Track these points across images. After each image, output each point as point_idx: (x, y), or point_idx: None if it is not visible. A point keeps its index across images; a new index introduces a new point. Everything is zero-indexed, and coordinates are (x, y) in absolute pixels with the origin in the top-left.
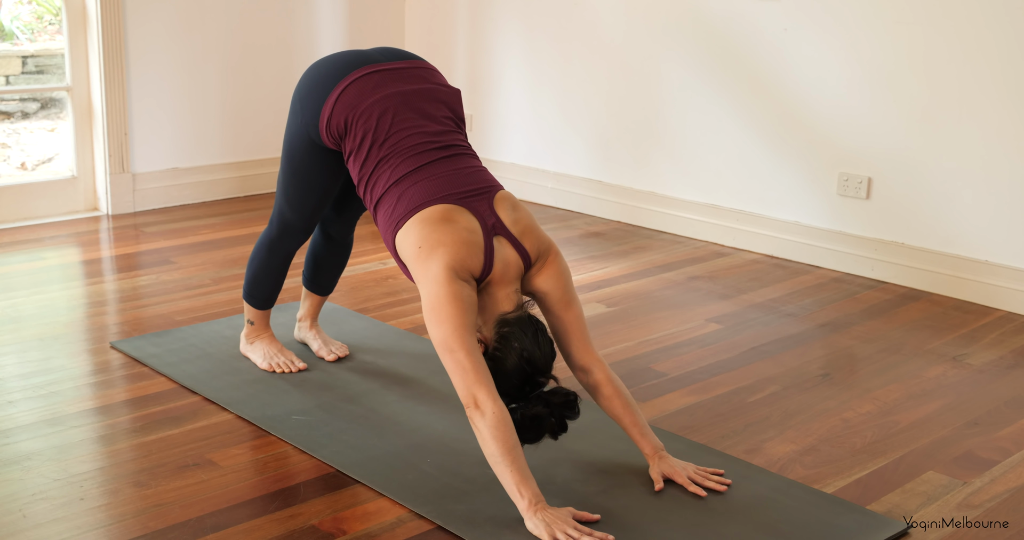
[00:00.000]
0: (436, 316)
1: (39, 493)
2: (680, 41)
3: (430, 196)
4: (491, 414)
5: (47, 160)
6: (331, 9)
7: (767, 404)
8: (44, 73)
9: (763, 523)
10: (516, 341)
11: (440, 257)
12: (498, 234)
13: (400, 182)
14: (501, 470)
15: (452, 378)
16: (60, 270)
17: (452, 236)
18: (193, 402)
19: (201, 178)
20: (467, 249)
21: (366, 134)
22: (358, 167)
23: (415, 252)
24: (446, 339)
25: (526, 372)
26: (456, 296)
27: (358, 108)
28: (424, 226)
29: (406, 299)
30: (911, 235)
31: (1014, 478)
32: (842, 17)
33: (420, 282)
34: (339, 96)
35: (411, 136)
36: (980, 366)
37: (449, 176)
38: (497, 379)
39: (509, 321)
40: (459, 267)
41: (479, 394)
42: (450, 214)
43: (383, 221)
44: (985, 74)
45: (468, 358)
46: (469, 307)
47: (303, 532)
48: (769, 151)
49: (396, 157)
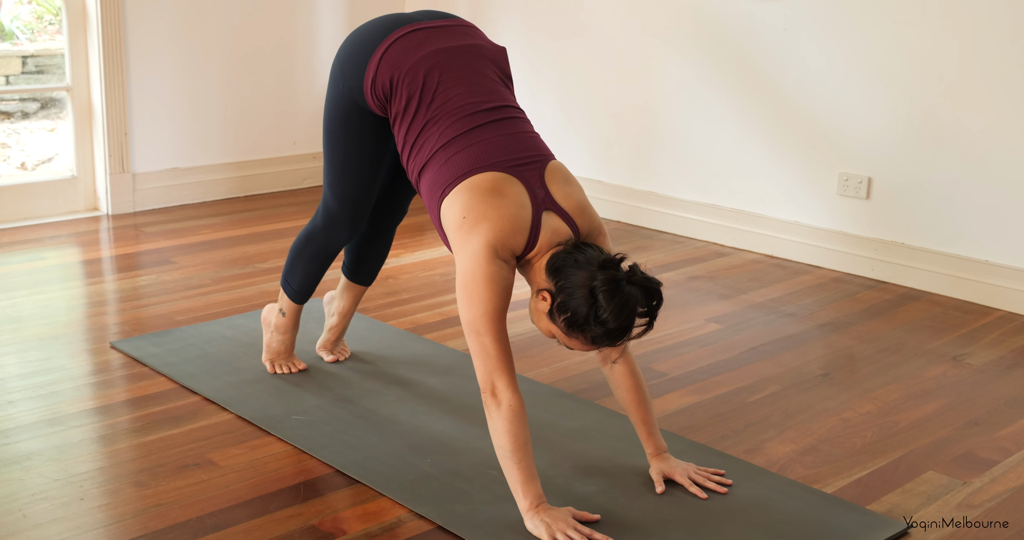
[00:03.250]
0: (468, 296)
1: (39, 493)
2: (680, 41)
3: (480, 162)
4: (507, 406)
5: (47, 160)
6: (331, 9)
7: (767, 404)
8: (44, 73)
9: (763, 523)
10: (571, 265)
11: (483, 233)
12: (548, 208)
13: (448, 146)
14: (508, 465)
15: (474, 361)
16: (60, 270)
17: (498, 211)
18: (193, 402)
19: (201, 178)
20: (512, 226)
21: (412, 94)
22: (404, 130)
23: (458, 222)
24: (474, 321)
25: (593, 269)
26: (492, 278)
27: (403, 66)
28: (471, 196)
29: (406, 299)
30: (911, 235)
31: (1014, 478)
32: (842, 17)
33: (458, 255)
34: (383, 55)
35: (460, 96)
36: (980, 366)
37: (500, 141)
38: (581, 303)
39: (557, 255)
40: (500, 246)
41: (499, 382)
42: (499, 184)
43: (428, 187)
44: (985, 74)
45: (494, 343)
46: (504, 290)
47: (303, 532)
48: (769, 151)
49: (445, 119)
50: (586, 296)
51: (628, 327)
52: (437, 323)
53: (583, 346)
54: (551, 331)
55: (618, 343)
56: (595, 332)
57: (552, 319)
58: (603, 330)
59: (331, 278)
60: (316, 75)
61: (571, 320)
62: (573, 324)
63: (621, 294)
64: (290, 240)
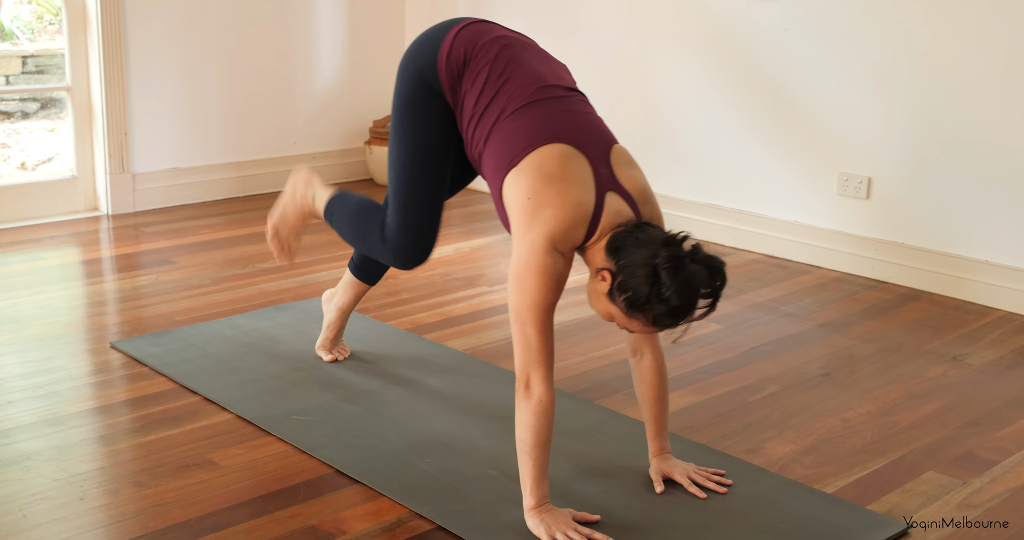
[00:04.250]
0: (519, 284)
1: (39, 493)
2: (681, 41)
3: (547, 133)
4: (537, 400)
5: (47, 160)
6: (331, 9)
7: (767, 404)
8: (44, 73)
9: (763, 523)
10: (632, 243)
11: (544, 222)
12: (611, 189)
13: (516, 114)
14: (524, 460)
15: (515, 350)
16: (60, 270)
17: (563, 197)
18: (193, 402)
19: (201, 178)
20: (575, 215)
21: (485, 64)
22: (473, 99)
23: (522, 203)
24: (521, 310)
25: (654, 248)
26: (547, 271)
27: (478, 42)
28: (537, 176)
29: (406, 299)
30: (911, 235)
31: (1014, 478)
32: (842, 17)
33: (516, 239)
34: (459, 32)
35: (532, 71)
36: (980, 366)
37: (569, 116)
38: (642, 282)
39: (618, 234)
40: (560, 239)
41: (535, 375)
42: (566, 161)
43: (493, 159)
44: (985, 74)
45: (537, 335)
46: (556, 284)
47: (303, 532)
48: (769, 151)
49: (515, 89)
50: (648, 274)
51: (691, 306)
52: (437, 323)
53: (644, 328)
54: (610, 313)
55: (680, 323)
56: (657, 311)
57: (612, 300)
58: (666, 309)
59: (332, 278)
60: (316, 75)
61: (632, 300)
62: (634, 304)
63: (684, 272)
64: None
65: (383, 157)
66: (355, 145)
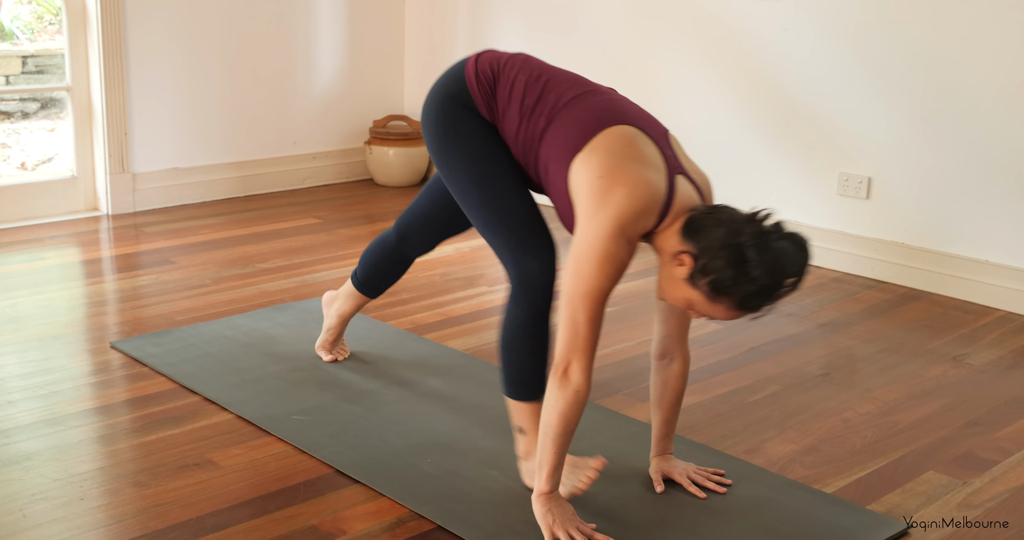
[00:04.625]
0: (577, 268)
1: (39, 493)
2: (680, 41)
3: (612, 116)
4: (573, 390)
5: (47, 160)
6: (331, 9)
7: (767, 404)
8: (44, 73)
9: (763, 523)
10: (712, 224)
11: (616, 203)
12: (680, 173)
13: (572, 103)
14: (545, 445)
15: (560, 333)
16: (60, 270)
17: (636, 175)
18: (193, 402)
19: (201, 178)
20: (648, 196)
21: (518, 74)
22: (518, 104)
23: (592, 181)
24: (574, 295)
25: (736, 227)
26: (609, 257)
27: (501, 58)
28: (609, 153)
29: (406, 299)
30: (911, 235)
31: (1014, 478)
32: (842, 17)
33: (582, 220)
34: (478, 58)
35: (567, 71)
36: (980, 366)
37: (623, 102)
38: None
39: (695, 216)
40: (631, 222)
41: (576, 363)
42: (637, 142)
43: (556, 147)
44: (985, 74)
45: (587, 323)
46: (616, 273)
47: (303, 532)
48: (769, 151)
49: (559, 86)
50: (733, 254)
51: (780, 284)
52: (437, 323)
53: (727, 313)
54: (689, 299)
55: (768, 303)
56: (745, 291)
57: (693, 284)
58: (755, 288)
59: (331, 279)
60: (316, 75)
61: (717, 282)
62: (719, 287)
63: (772, 249)
64: (290, 239)
65: (383, 157)
66: (355, 145)
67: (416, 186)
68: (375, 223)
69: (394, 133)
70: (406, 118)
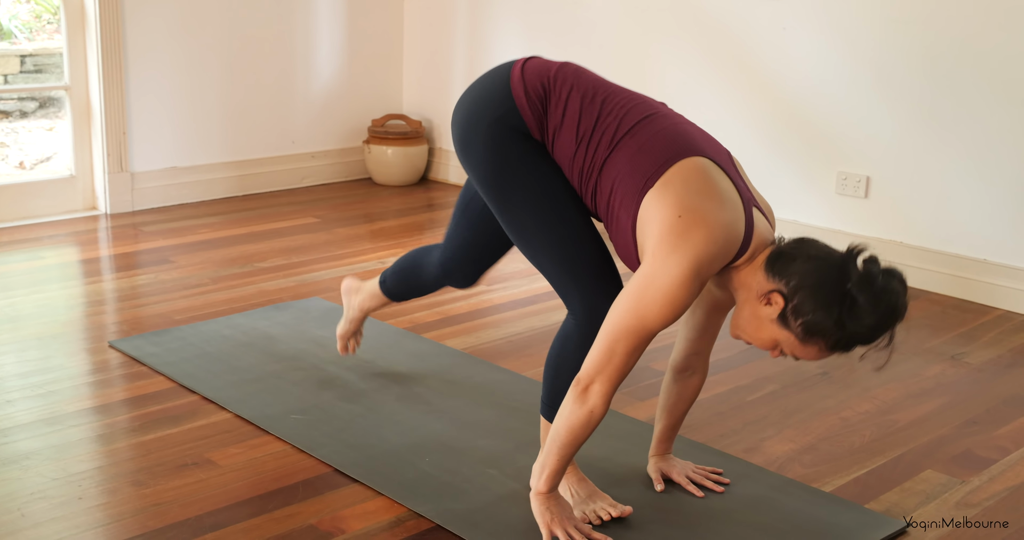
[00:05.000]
0: (635, 304)
1: (37, 492)
2: (679, 40)
3: (682, 146)
4: (589, 411)
5: (45, 159)
6: (330, 8)
7: (766, 403)
8: (42, 72)
9: (762, 522)
10: (803, 260)
11: (694, 246)
12: (754, 205)
13: (634, 132)
14: (551, 450)
15: (593, 352)
16: (58, 269)
17: (716, 216)
18: (192, 401)
19: (200, 177)
20: (727, 238)
21: (572, 91)
22: (573, 127)
23: (671, 221)
24: (620, 329)
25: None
26: (675, 302)
27: (549, 72)
28: (688, 193)
29: None
30: (910, 234)
31: (1012, 476)
32: (840, 15)
33: (653, 258)
34: (523, 69)
35: (621, 88)
36: (979, 365)
37: (688, 126)
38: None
39: (782, 251)
40: (707, 264)
41: (598, 385)
42: (712, 176)
43: (623, 180)
44: (983, 72)
45: (625, 356)
46: (676, 317)
47: (302, 531)
48: (767, 150)
49: (618, 108)
50: (834, 295)
51: (893, 326)
52: (436, 322)
53: (817, 354)
54: (776, 340)
55: (871, 345)
56: (851, 334)
57: (784, 325)
58: (865, 331)
59: (330, 277)
60: (315, 74)
61: (813, 323)
62: (814, 328)
63: (883, 291)
64: (289, 238)
65: (381, 156)
66: (354, 144)
67: (414, 185)
68: (374, 222)
69: (393, 132)
70: (405, 117)
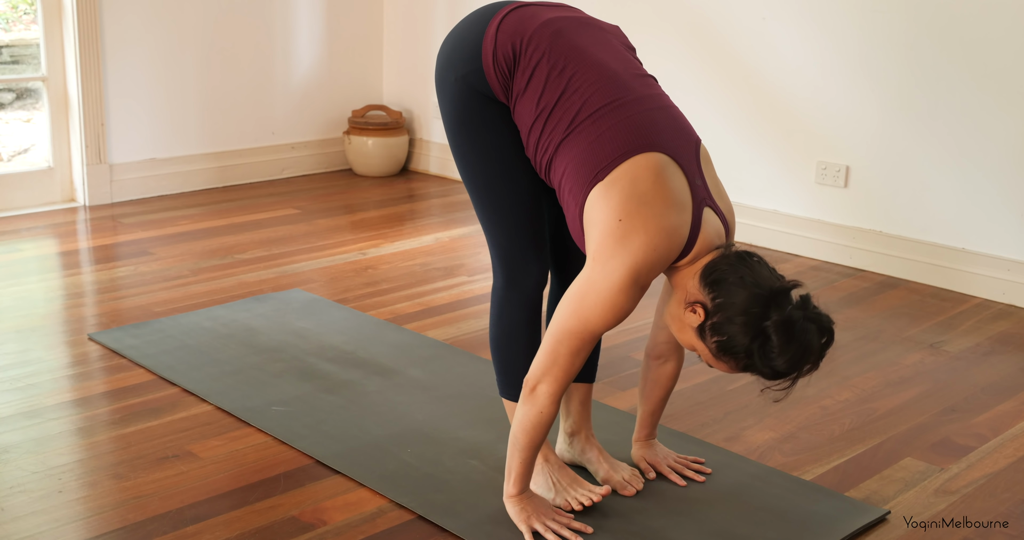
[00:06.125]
0: (576, 307)
1: (17, 486)
2: (658, 29)
3: (639, 140)
4: (538, 411)
5: (23, 151)
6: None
7: (746, 392)
8: (19, 63)
9: (742, 511)
10: (735, 282)
11: (632, 252)
12: (708, 205)
13: (595, 118)
14: (513, 453)
15: (539, 354)
16: (37, 262)
17: (658, 223)
18: (172, 393)
19: (179, 168)
20: (668, 244)
21: (542, 59)
22: (535, 100)
23: (611, 225)
24: (563, 331)
25: (761, 296)
26: (614, 307)
27: (525, 32)
28: (631, 197)
29: (385, 289)
30: (889, 223)
31: (991, 464)
32: (820, 6)
33: (596, 261)
34: (499, 26)
35: (596, 63)
36: (957, 353)
37: (655, 116)
38: (741, 331)
39: (717, 265)
40: (646, 271)
41: (544, 385)
42: (663, 176)
43: (574, 166)
44: (961, 63)
45: (568, 357)
46: (617, 320)
47: (283, 523)
48: (747, 140)
49: (585, 87)
50: (751, 326)
51: (798, 370)
52: (417, 313)
53: (729, 370)
54: (693, 346)
55: (779, 380)
56: (756, 366)
57: (700, 336)
58: (769, 370)
59: (311, 269)
60: (294, 64)
61: (726, 346)
62: (727, 350)
63: (798, 335)
64: (269, 230)
65: (361, 147)
66: (334, 135)
67: (395, 176)
68: (354, 213)
69: (373, 123)
70: (385, 108)
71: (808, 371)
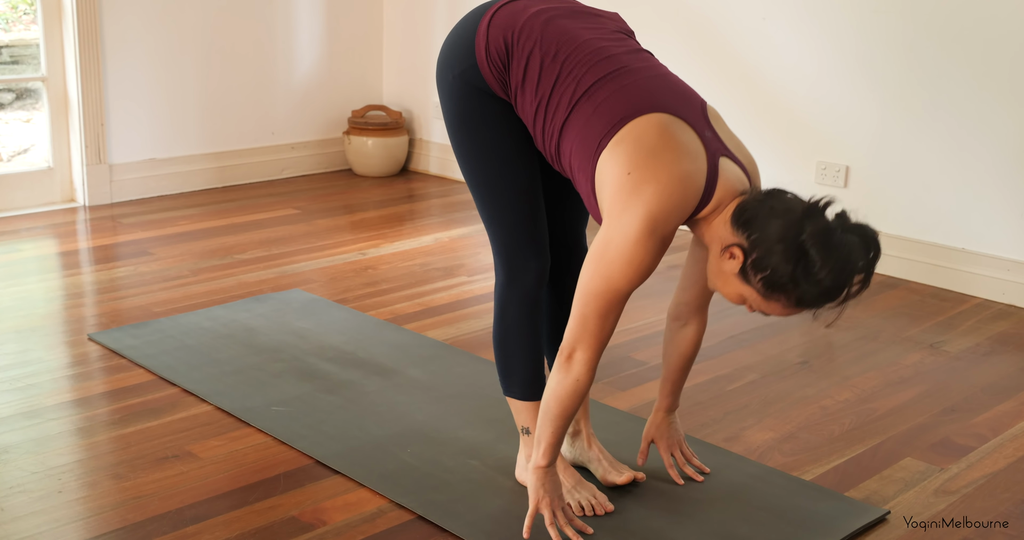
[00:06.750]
0: (597, 267)
1: (17, 486)
2: (658, 30)
3: (638, 103)
4: (575, 379)
5: (23, 151)
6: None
7: (746, 392)
8: (19, 63)
9: (742, 510)
10: (766, 213)
11: (645, 202)
12: (723, 154)
13: (591, 93)
14: (544, 424)
15: (570, 321)
16: (37, 262)
17: (669, 169)
18: (172, 394)
19: (178, 169)
20: (683, 190)
21: (534, 48)
22: (532, 91)
23: (621, 179)
24: (588, 293)
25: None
26: (634, 261)
27: (515, 25)
28: (637, 147)
29: (385, 289)
30: (889, 223)
31: (990, 464)
32: (820, 5)
33: (610, 219)
34: (490, 21)
35: (588, 42)
36: (957, 353)
37: (652, 82)
38: (783, 259)
39: (746, 203)
40: (663, 220)
41: (580, 352)
42: (669, 130)
43: (579, 143)
44: (963, 62)
45: (597, 320)
46: (640, 276)
47: (283, 523)
48: (747, 140)
49: (578, 67)
50: (792, 249)
51: (845, 284)
52: (417, 313)
53: (784, 310)
54: (741, 295)
55: (833, 303)
56: (804, 291)
57: (745, 280)
58: (816, 289)
59: (311, 269)
60: (294, 64)
61: (772, 279)
62: (774, 284)
63: (837, 245)
64: (269, 230)
65: (361, 147)
66: (334, 135)
67: (395, 176)
68: (354, 213)
69: (373, 123)
70: (385, 108)
71: (859, 288)
